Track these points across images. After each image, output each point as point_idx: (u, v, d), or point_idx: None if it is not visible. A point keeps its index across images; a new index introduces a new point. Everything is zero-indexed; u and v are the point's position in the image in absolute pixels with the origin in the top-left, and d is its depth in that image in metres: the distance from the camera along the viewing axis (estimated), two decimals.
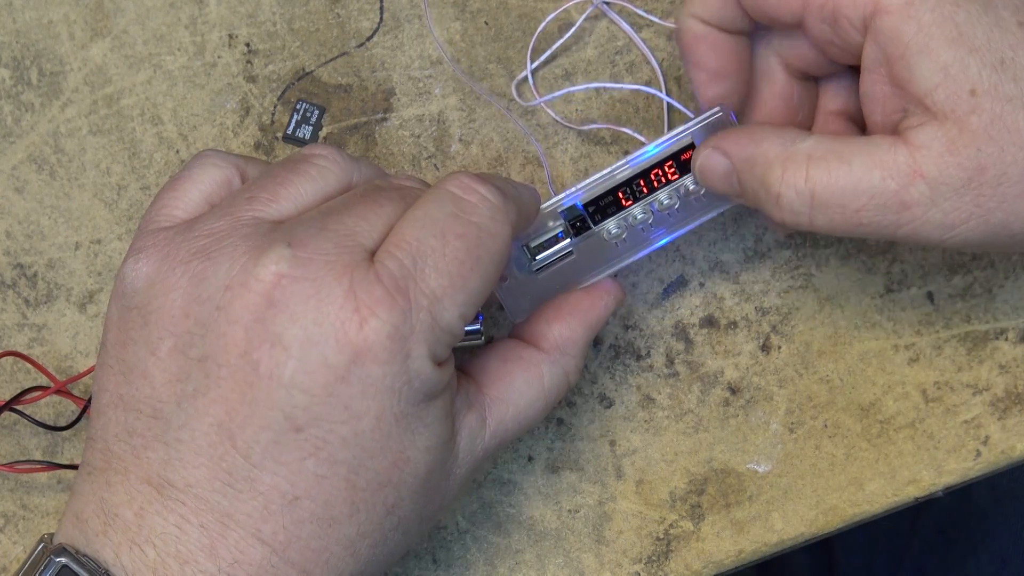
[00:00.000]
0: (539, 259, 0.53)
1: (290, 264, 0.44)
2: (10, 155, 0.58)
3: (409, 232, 0.45)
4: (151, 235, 0.47)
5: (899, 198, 0.46)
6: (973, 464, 0.56)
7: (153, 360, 0.45)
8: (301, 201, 0.47)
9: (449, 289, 0.44)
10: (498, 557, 0.56)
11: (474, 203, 0.46)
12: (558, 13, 0.58)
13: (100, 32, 0.58)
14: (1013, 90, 0.45)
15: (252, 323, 0.43)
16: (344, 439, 0.43)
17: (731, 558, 0.56)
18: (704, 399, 0.56)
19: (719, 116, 0.52)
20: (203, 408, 0.43)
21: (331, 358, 0.43)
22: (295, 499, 0.43)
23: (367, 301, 0.43)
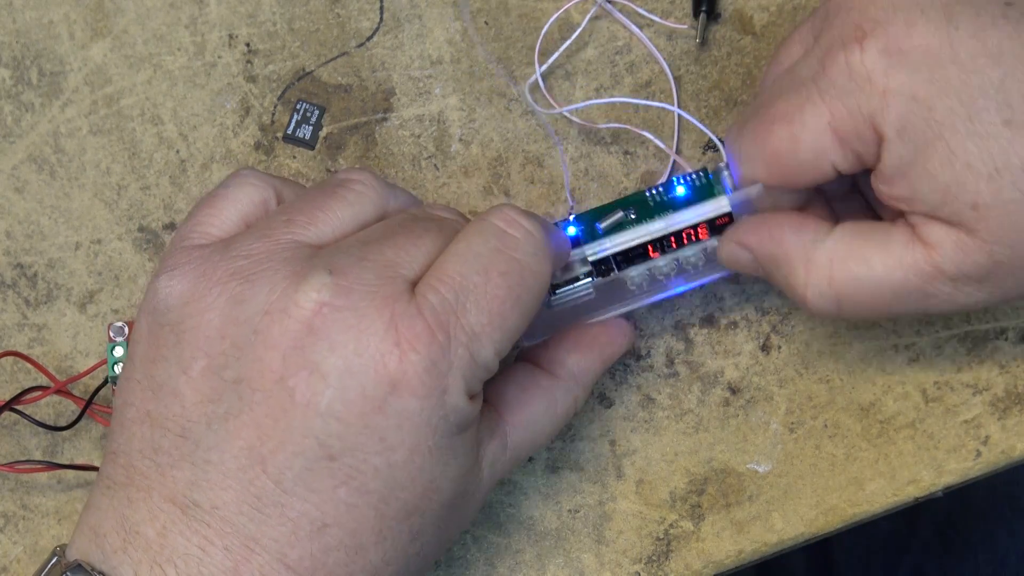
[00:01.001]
0: (559, 294, 0.53)
1: (331, 293, 0.44)
2: (10, 155, 0.58)
3: (452, 266, 0.45)
4: (186, 252, 0.47)
5: (922, 291, 0.48)
6: (973, 464, 0.56)
7: (184, 379, 0.44)
8: (338, 226, 0.47)
9: (488, 327, 0.45)
10: (498, 557, 0.56)
11: (518, 238, 0.46)
12: (559, 14, 0.58)
13: (100, 32, 0.58)
14: (1014, 193, 0.45)
15: (290, 349, 0.43)
16: (377, 469, 0.43)
17: (731, 558, 0.56)
18: (704, 399, 0.56)
19: (760, 191, 0.52)
20: (234, 431, 0.43)
21: (369, 389, 0.43)
22: (324, 526, 0.43)
23: (408, 335, 0.43)
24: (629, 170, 0.57)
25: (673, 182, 0.54)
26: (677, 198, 0.53)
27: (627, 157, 0.57)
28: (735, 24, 0.58)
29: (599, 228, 0.53)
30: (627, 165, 0.57)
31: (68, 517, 0.56)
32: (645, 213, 0.53)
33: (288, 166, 0.58)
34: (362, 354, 0.43)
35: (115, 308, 0.57)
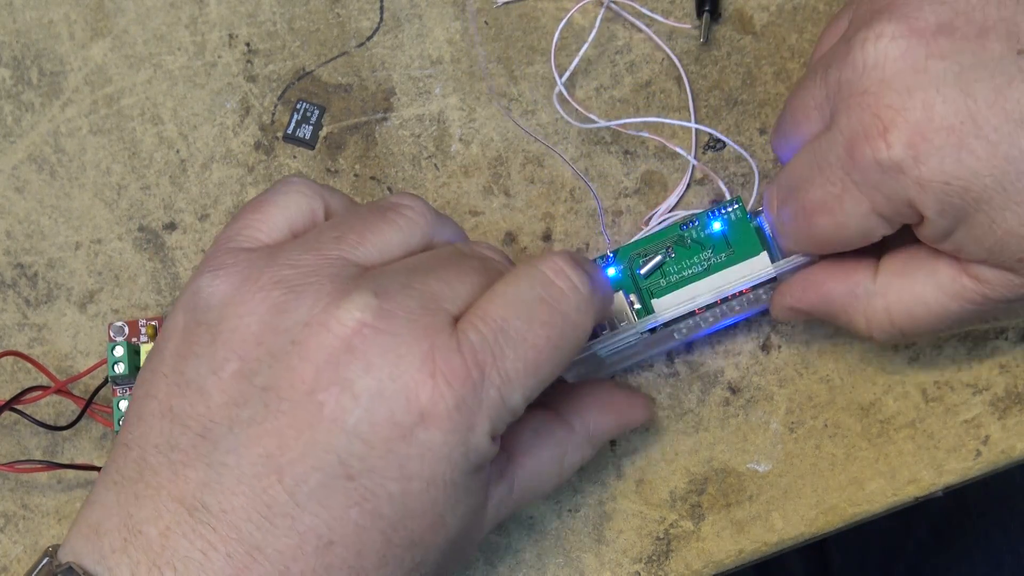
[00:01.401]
0: (609, 347, 0.53)
1: (374, 314, 0.43)
2: (10, 155, 0.58)
3: (496, 308, 0.45)
4: (232, 253, 0.46)
5: (979, 312, 0.49)
6: (973, 464, 0.56)
7: (214, 379, 0.44)
8: (386, 250, 0.47)
9: (523, 373, 0.45)
10: (498, 557, 0.56)
11: (563, 290, 0.46)
12: (571, 15, 0.58)
13: (100, 32, 0.58)
14: None
15: (325, 364, 0.43)
16: (391, 496, 0.43)
17: (731, 558, 0.56)
18: (704, 399, 0.56)
19: (810, 260, 0.53)
20: (256, 437, 0.43)
21: (398, 415, 0.43)
22: (330, 544, 0.43)
23: (444, 368, 0.43)
24: (629, 170, 0.57)
25: (709, 218, 0.54)
26: (714, 234, 0.54)
27: (627, 157, 0.58)
28: (735, 24, 0.58)
29: (640, 274, 0.54)
30: (627, 165, 0.57)
31: (68, 517, 0.56)
32: (683, 253, 0.54)
33: (288, 166, 0.58)
34: (396, 379, 0.43)
35: (115, 308, 0.57)
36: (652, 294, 0.54)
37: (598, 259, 0.54)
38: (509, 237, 0.57)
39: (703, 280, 0.54)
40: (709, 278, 0.54)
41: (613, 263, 0.54)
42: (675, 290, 0.54)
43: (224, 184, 0.58)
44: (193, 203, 0.57)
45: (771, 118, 0.57)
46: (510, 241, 0.57)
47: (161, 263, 0.57)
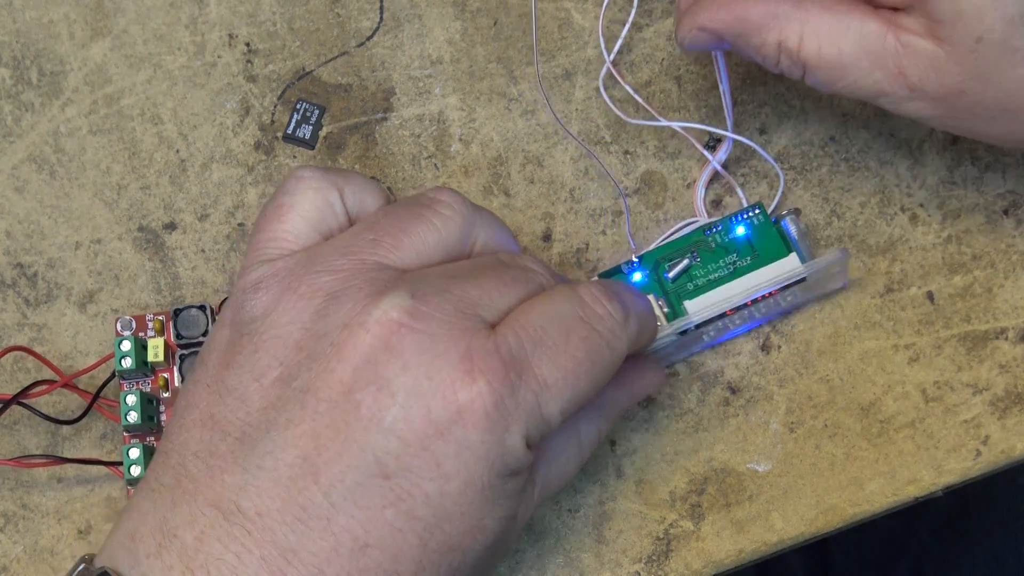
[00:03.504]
0: None
1: (411, 315, 0.43)
2: (10, 155, 0.58)
3: (534, 318, 0.45)
4: (268, 265, 0.47)
5: (879, 88, 0.49)
6: (973, 464, 0.56)
7: (256, 386, 0.44)
8: (423, 251, 0.47)
9: (560, 383, 0.44)
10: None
11: (600, 315, 0.46)
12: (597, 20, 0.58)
13: (100, 32, 0.58)
14: (1019, 44, 0.46)
15: (362, 364, 0.43)
16: (428, 496, 0.43)
17: (731, 558, 0.56)
18: (704, 399, 0.56)
19: (841, 257, 0.53)
20: (292, 439, 0.43)
21: (435, 413, 0.43)
22: (366, 546, 0.43)
23: (482, 366, 0.43)
24: (629, 170, 0.57)
25: (732, 223, 0.55)
26: (738, 238, 0.55)
27: (627, 157, 0.58)
28: None
29: (667, 277, 0.55)
30: (627, 164, 0.57)
31: (68, 517, 0.56)
32: (708, 257, 0.55)
33: (288, 166, 0.58)
34: (433, 378, 0.43)
35: (115, 308, 0.57)
36: (681, 297, 0.55)
37: (623, 264, 0.55)
38: None
39: (732, 282, 0.54)
40: (738, 280, 0.54)
41: (639, 268, 0.55)
42: (705, 293, 0.54)
43: (224, 184, 0.58)
44: (193, 203, 0.57)
45: (771, 118, 0.58)
46: None
47: (161, 263, 0.57)
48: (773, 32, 0.50)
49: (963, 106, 0.48)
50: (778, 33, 0.50)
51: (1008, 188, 0.57)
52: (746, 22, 0.50)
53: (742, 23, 0.50)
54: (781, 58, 0.50)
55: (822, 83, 0.50)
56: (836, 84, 0.50)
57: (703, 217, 0.57)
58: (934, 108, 0.49)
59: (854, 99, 0.51)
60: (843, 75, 0.49)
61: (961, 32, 0.47)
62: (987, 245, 0.57)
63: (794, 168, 0.57)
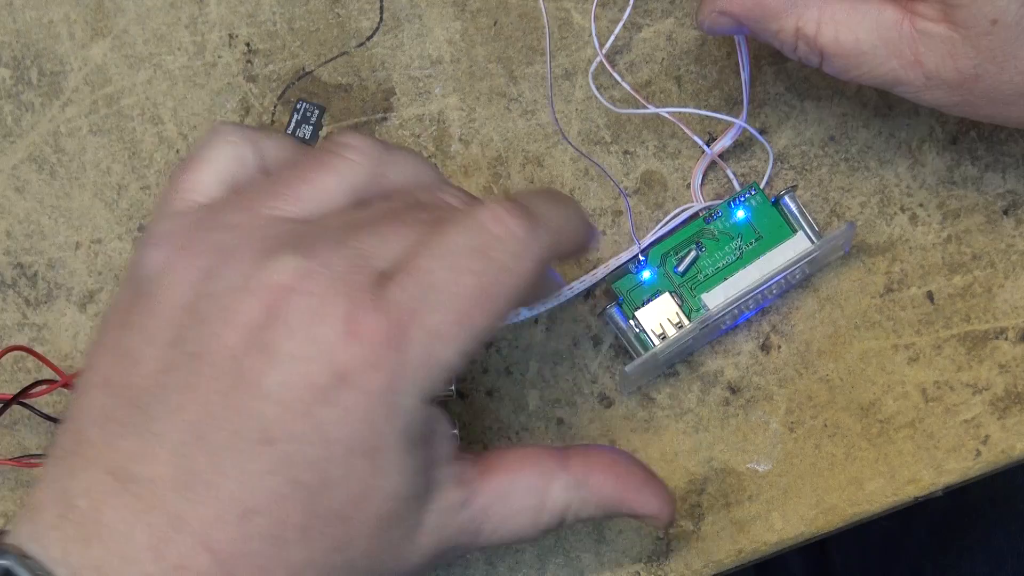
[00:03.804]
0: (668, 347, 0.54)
1: (297, 276, 0.43)
2: (10, 155, 0.58)
3: (424, 260, 0.44)
4: (169, 220, 0.46)
5: (896, 76, 0.49)
6: (973, 464, 0.56)
7: (149, 349, 0.44)
8: (326, 199, 0.46)
9: (453, 326, 0.43)
10: (498, 557, 0.56)
11: (499, 236, 0.44)
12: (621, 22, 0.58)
13: (100, 32, 0.58)
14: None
15: (249, 329, 0.42)
16: (311, 462, 0.42)
17: (731, 557, 0.56)
18: (704, 399, 0.56)
19: (849, 231, 0.54)
20: (182, 404, 0.42)
21: (316, 377, 0.42)
22: (250, 512, 0.42)
23: (364, 327, 0.42)
24: (629, 169, 0.57)
25: (731, 208, 0.55)
26: (739, 222, 0.56)
27: (627, 156, 0.58)
28: None
29: (677, 271, 0.55)
30: (627, 164, 0.57)
31: None
32: (713, 246, 0.55)
33: None
34: (315, 341, 0.42)
35: None
36: (696, 290, 0.55)
37: (630, 263, 0.55)
38: None
39: (747, 268, 0.55)
40: (751, 265, 0.55)
41: (647, 266, 0.55)
42: (720, 282, 0.55)
43: None
44: None
45: (771, 118, 0.58)
46: None
47: None
48: (791, 18, 0.50)
49: (980, 91, 0.49)
50: (796, 19, 0.50)
51: (1008, 188, 0.57)
52: (765, 7, 0.50)
53: (761, 8, 0.50)
54: (799, 44, 0.50)
55: (839, 70, 0.50)
56: (852, 72, 0.50)
57: (699, 202, 0.57)
58: (951, 95, 0.49)
59: (872, 86, 0.52)
60: (860, 63, 0.50)
61: (976, 15, 0.47)
62: (987, 245, 0.57)
63: (794, 168, 0.57)
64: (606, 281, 0.56)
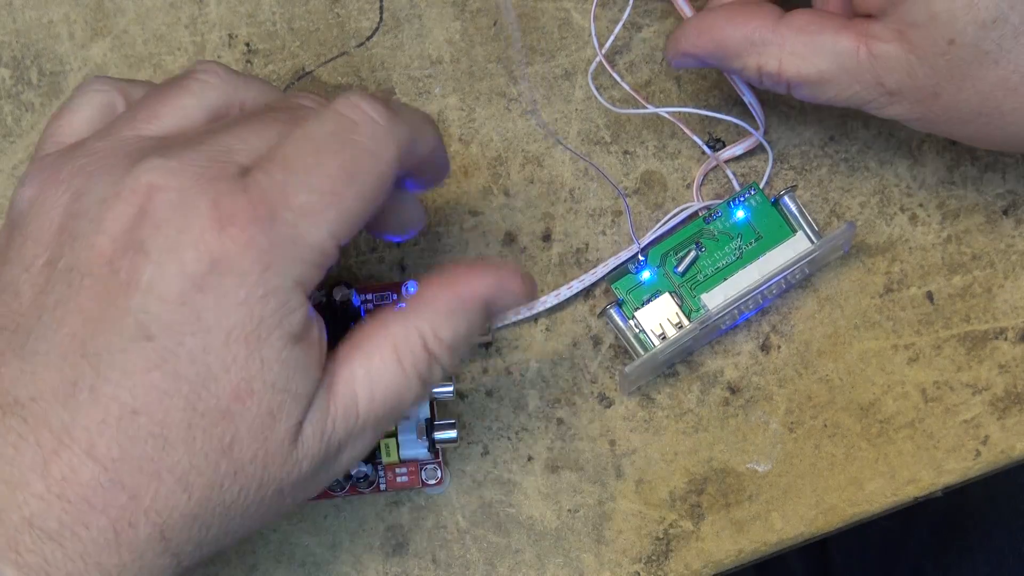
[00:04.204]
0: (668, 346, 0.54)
1: (161, 174, 0.43)
2: (10, 155, 0.58)
3: (285, 150, 0.44)
4: (38, 161, 0.46)
5: (861, 97, 0.50)
6: (973, 464, 0.56)
7: (25, 276, 0.44)
8: (184, 116, 0.46)
9: (319, 205, 0.43)
10: (498, 557, 0.56)
11: (357, 122, 0.45)
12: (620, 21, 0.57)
13: (100, 32, 0.58)
14: (992, 47, 0.47)
15: (121, 233, 0.43)
16: (191, 354, 0.42)
17: (731, 558, 0.56)
18: (704, 399, 0.56)
19: (848, 231, 0.54)
20: (61, 318, 0.42)
21: (189, 265, 0.42)
22: (133, 413, 0.42)
23: (230, 212, 0.42)
24: (628, 170, 0.57)
25: (730, 207, 0.56)
26: (739, 222, 0.56)
27: (627, 157, 0.58)
28: None
29: (677, 271, 0.55)
30: (627, 165, 0.57)
31: None
32: (713, 246, 0.56)
33: None
34: (184, 231, 0.42)
35: None
36: (696, 290, 0.55)
37: (630, 263, 0.56)
38: (509, 237, 0.57)
39: (746, 268, 0.55)
40: (751, 265, 0.55)
41: (647, 266, 0.55)
42: (720, 282, 0.55)
43: None
44: None
45: (771, 118, 0.58)
46: (510, 241, 0.57)
47: None
48: (752, 57, 0.51)
49: (938, 109, 0.49)
50: (757, 58, 0.51)
51: (1008, 188, 0.57)
52: (725, 49, 0.52)
53: (722, 50, 0.52)
54: (763, 79, 0.51)
55: (807, 97, 0.51)
56: (820, 98, 0.51)
57: (698, 201, 0.57)
58: (912, 110, 0.50)
59: (841, 107, 0.52)
60: (825, 90, 0.51)
61: (934, 35, 0.47)
62: (987, 245, 0.57)
63: (794, 168, 0.57)
64: (606, 281, 0.56)
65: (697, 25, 0.52)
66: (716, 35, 0.51)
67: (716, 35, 0.51)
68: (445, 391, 0.54)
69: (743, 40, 0.51)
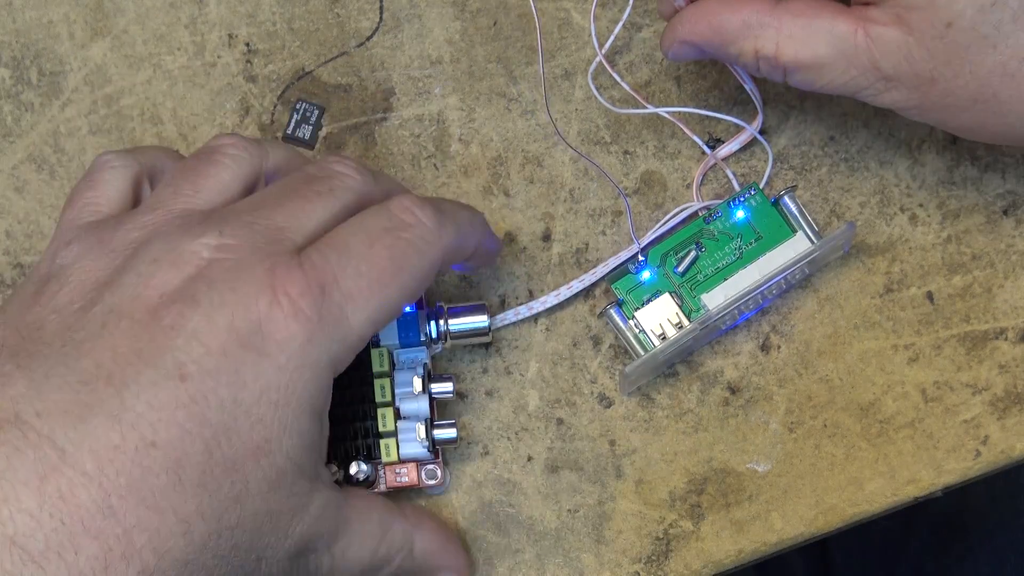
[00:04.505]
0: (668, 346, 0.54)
1: (219, 249, 0.44)
2: (10, 155, 0.58)
3: (341, 234, 0.46)
4: (80, 229, 0.47)
5: (857, 83, 0.50)
6: (973, 464, 0.56)
7: (54, 317, 0.44)
8: (223, 190, 0.48)
9: (366, 291, 0.45)
10: (498, 557, 0.56)
11: (409, 223, 0.47)
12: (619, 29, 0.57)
13: (100, 32, 0.58)
14: (990, 31, 0.47)
15: (172, 290, 0.43)
16: (222, 402, 0.42)
17: (731, 558, 0.56)
18: (704, 399, 0.56)
19: (848, 231, 0.54)
20: (88, 351, 0.42)
21: (237, 321, 0.43)
22: (152, 445, 0.41)
23: (284, 281, 0.44)
24: (628, 170, 0.57)
25: (730, 207, 0.56)
26: (739, 222, 0.56)
27: (627, 157, 0.58)
28: None
29: (677, 271, 0.55)
30: (627, 165, 0.57)
31: None
32: (713, 246, 0.56)
33: None
34: (237, 290, 0.43)
35: None
36: (696, 291, 0.55)
37: (629, 263, 0.56)
38: (508, 237, 0.57)
39: (746, 268, 0.55)
40: (751, 265, 0.55)
41: (647, 266, 0.55)
42: (720, 282, 0.55)
43: None
44: None
45: (771, 118, 0.58)
46: (509, 241, 0.57)
47: None
48: (749, 41, 0.51)
49: (935, 95, 0.49)
50: (753, 42, 0.51)
51: (1008, 188, 0.57)
52: (723, 34, 0.51)
53: (719, 36, 0.51)
54: (760, 64, 0.51)
55: (803, 83, 0.51)
56: (816, 83, 0.51)
57: (698, 202, 0.57)
58: (909, 97, 0.50)
59: (837, 95, 0.52)
60: (821, 75, 0.50)
61: (932, 17, 0.47)
62: (987, 245, 0.57)
63: (794, 168, 0.57)
64: (606, 281, 0.56)
65: (693, 11, 0.52)
66: (713, 20, 0.51)
67: (713, 20, 0.51)
68: (445, 391, 0.54)
69: (740, 24, 0.51)
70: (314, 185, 0.48)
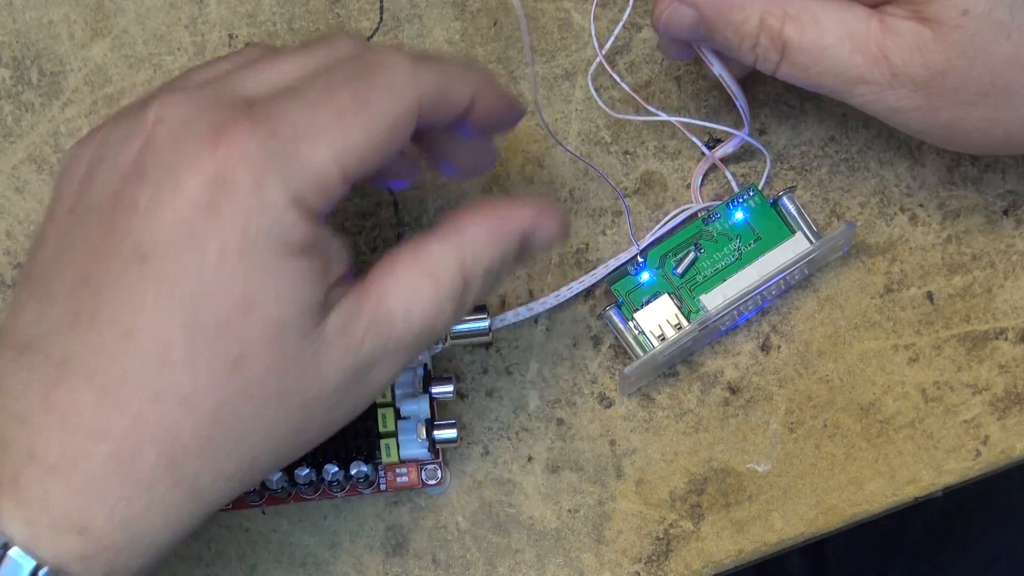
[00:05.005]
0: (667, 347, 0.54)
1: (166, 106, 0.43)
2: (10, 155, 0.58)
3: (299, 83, 0.44)
4: None
5: (859, 73, 0.48)
6: (973, 464, 0.56)
7: (52, 227, 0.44)
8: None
9: (322, 128, 0.43)
10: (498, 557, 0.56)
11: (377, 65, 0.44)
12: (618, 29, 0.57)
13: (100, 32, 0.58)
14: (1005, 17, 0.47)
15: (128, 165, 0.43)
16: (186, 269, 0.41)
17: (731, 558, 0.56)
18: (704, 399, 0.56)
19: (848, 231, 0.54)
20: (72, 257, 0.43)
21: (183, 182, 0.42)
22: (131, 333, 0.41)
23: (228, 131, 0.42)
24: (628, 170, 0.57)
25: (729, 209, 0.56)
26: (738, 223, 0.56)
27: (627, 157, 0.58)
28: None
29: (676, 272, 0.55)
30: (627, 165, 0.57)
31: None
32: (712, 247, 0.56)
33: None
34: (180, 150, 0.42)
35: None
36: (695, 292, 0.55)
37: (628, 264, 0.56)
38: None
39: (745, 269, 0.55)
40: (750, 266, 0.55)
41: (646, 268, 0.55)
42: (719, 283, 0.55)
43: None
44: None
45: (771, 118, 0.58)
46: None
47: None
48: (756, 8, 0.49)
49: (944, 90, 0.48)
50: (761, 10, 0.49)
51: (1008, 188, 0.57)
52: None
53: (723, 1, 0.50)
54: (760, 38, 0.49)
55: (800, 68, 0.49)
56: (813, 69, 0.49)
57: (698, 203, 0.57)
58: (914, 96, 0.49)
59: (830, 93, 0.50)
60: (823, 58, 0.49)
61: (947, 6, 0.47)
62: (987, 245, 0.57)
63: (794, 168, 0.57)
64: (606, 282, 0.56)
65: None
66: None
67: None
68: (445, 391, 0.54)
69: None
70: (298, 48, 0.46)
